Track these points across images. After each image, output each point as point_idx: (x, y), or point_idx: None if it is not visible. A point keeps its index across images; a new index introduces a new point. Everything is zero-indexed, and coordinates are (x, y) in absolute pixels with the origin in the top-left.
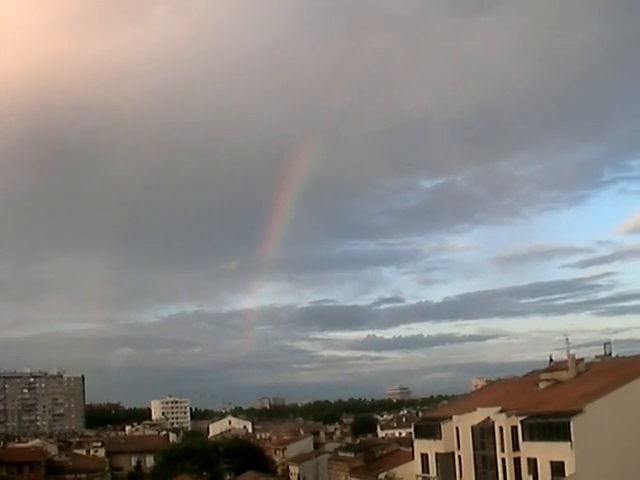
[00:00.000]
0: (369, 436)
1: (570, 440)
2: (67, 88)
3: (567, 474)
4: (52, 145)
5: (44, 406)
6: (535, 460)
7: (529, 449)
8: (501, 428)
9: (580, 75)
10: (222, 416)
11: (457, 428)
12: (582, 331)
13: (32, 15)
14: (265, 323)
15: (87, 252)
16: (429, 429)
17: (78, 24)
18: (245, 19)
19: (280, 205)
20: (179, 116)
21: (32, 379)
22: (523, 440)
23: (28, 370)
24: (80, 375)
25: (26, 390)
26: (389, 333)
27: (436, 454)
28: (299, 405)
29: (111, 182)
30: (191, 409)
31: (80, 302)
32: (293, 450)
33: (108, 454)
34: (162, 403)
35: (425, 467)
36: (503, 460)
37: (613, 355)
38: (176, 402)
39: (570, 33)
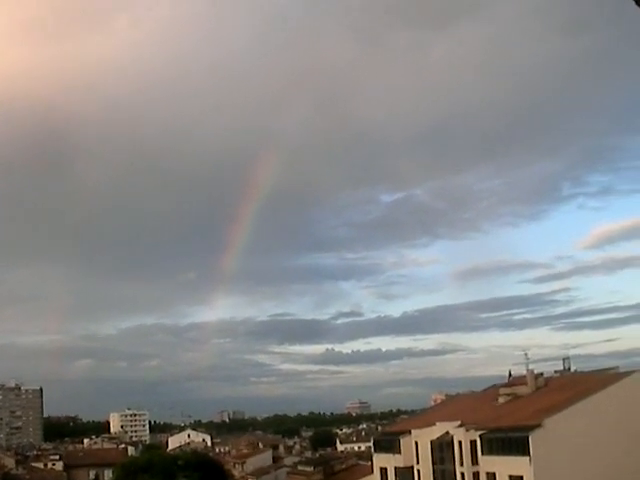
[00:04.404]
0: (328, 450)
1: (529, 454)
2: (23, 95)
3: None
4: (8, 153)
5: (1, 419)
6: (494, 474)
7: (488, 463)
8: (460, 442)
9: (541, 90)
10: (181, 429)
11: (416, 442)
12: (541, 346)
13: None
14: (224, 336)
15: (45, 263)
16: (388, 443)
17: (35, 30)
18: (204, 31)
19: (240, 217)
20: (139, 126)
21: None
22: (482, 454)
23: None
24: (38, 387)
25: None
26: (348, 347)
27: (395, 468)
28: (258, 418)
29: (70, 192)
30: (150, 422)
31: (38, 313)
32: (252, 464)
33: (66, 467)
34: (121, 416)
35: None
36: (462, 474)
37: (572, 370)
38: (135, 415)
39: (532, 48)
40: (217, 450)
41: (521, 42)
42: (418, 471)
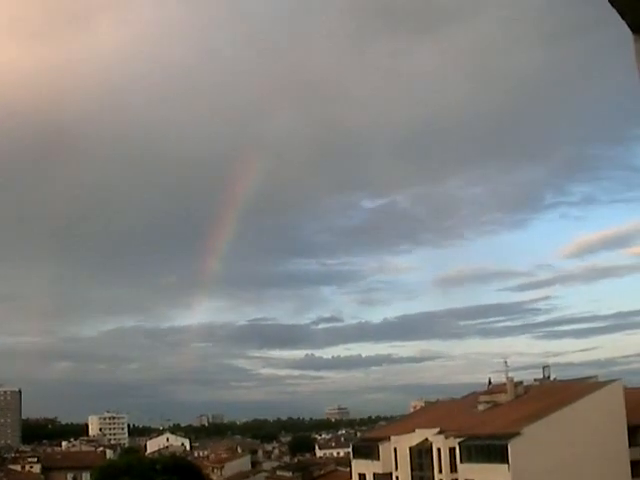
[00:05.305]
0: (307, 455)
1: (507, 462)
2: (9, 93)
3: None
4: None
5: None
6: None
7: (467, 470)
8: (439, 449)
9: (524, 97)
10: (160, 433)
11: (395, 449)
12: (520, 354)
13: None
14: (204, 340)
15: (26, 263)
16: (367, 449)
17: (20, 29)
18: (187, 33)
19: (221, 221)
20: (120, 128)
21: None
22: (461, 461)
23: None
24: (17, 389)
25: None
26: (328, 353)
27: (374, 474)
28: (237, 423)
29: (51, 193)
30: (129, 425)
31: (18, 314)
32: (231, 468)
33: (44, 470)
34: (100, 419)
35: None
36: None
37: (551, 378)
38: (114, 418)
39: (514, 56)
40: (196, 454)
41: (506, 49)
42: (397, 477)
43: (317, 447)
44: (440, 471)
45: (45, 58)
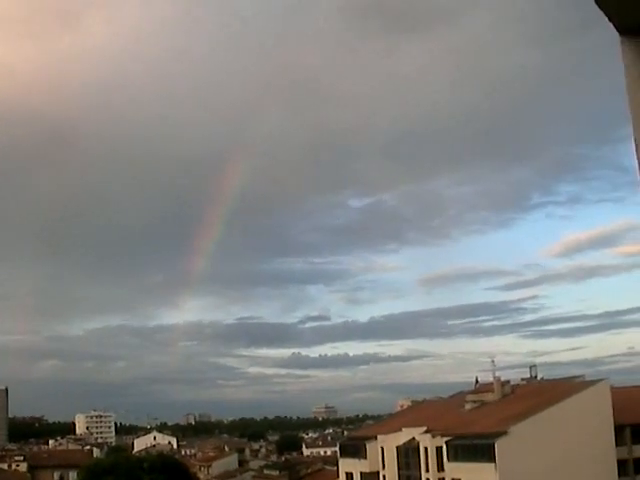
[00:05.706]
0: (294, 454)
1: (494, 461)
2: (2, 93)
3: None
4: None
5: None
6: None
7: (454, 470)
8: (426, 448)
9: (513, 97)
10: (147, 431)
11: (382, 448)
12: (507, 353)
13: None
14: (191, 339)
15: (12, 263)
16: (354, 448)
17: (7, 29)
18: (177, 33)
19: (209, 220)
20: (110, 128)
21: None
22: (448, 461)
23: None
24: (4, 387)
25: None
26: (315, 351)
27: (361, 473)
28: (225, 422)
29: (39, 193)
30: (116, 424)
31: (4, 313)
32: (218, 467)
33: (30, 469)
34: (87, 417)
35: None
36: None
37: (538, 378)
38: (101, 417)
39: (504, 56)
40: (183, 453)
41: (495, 50)
42: (384, 476)
43: (304, 446)
44: (427, 470)
45: (33, 58)
